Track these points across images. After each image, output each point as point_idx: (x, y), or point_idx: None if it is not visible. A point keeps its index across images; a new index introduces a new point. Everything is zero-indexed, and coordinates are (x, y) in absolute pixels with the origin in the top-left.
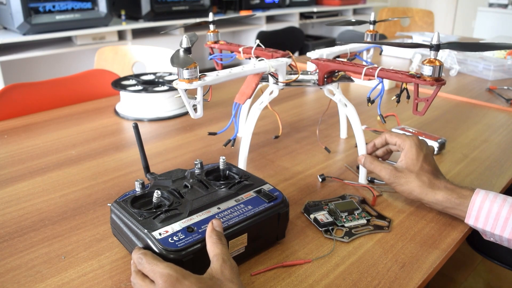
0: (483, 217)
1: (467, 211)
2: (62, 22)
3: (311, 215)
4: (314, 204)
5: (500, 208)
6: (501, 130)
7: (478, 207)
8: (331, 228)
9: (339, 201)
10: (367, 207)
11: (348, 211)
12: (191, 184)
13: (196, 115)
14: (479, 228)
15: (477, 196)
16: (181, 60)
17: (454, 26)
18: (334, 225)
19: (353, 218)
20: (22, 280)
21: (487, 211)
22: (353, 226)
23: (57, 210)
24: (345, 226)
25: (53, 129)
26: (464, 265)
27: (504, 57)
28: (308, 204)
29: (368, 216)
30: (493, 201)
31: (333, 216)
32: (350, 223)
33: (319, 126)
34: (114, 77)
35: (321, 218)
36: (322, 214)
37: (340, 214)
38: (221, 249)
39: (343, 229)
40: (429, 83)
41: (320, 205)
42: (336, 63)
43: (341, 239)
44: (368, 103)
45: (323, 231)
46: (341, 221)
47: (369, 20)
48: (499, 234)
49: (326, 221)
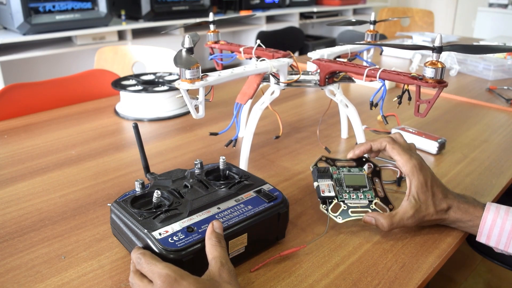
0: (495, 235)
1: (479, 230)
2: (62, 22)
3: (315, 182)
4: (324, 170)
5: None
6: (501, 130)
7: (490, 226)
8: (330, 201)
9: (350, 173)
10: (377, 184)
11: (354, 187)
12: (191, 184)
13: (198, 115)
14: (491, 246)
15: (488, 213)
16: (184, 60)
17: (454, 26)
18: (334, 199)
19: (356, 196)
20: (22, 280)
21: (500, 230)
22: (353, 204)
23: (57, 210)
24: (345, 202)
25: (53, 129)
26: (464, 265)
27: (504, 57)
28: (318, 169)
29: (373, 198)
30: (505, 218)
31: (337, 187)
32: (351, 200)
33: (319, 126)
34: (114, 77)
35: (323, 189)
36: (326, 185)
37: (345, 188)
38: (219, 252)
39: (342, 205)
40: (431, 85)
41: (329, 171)
42: (337, 64)
43: (335, 217)
44: (372, 107)
45: (321, 202)
46: (343, 196)
47: (369, 20)
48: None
49: (327, 194)
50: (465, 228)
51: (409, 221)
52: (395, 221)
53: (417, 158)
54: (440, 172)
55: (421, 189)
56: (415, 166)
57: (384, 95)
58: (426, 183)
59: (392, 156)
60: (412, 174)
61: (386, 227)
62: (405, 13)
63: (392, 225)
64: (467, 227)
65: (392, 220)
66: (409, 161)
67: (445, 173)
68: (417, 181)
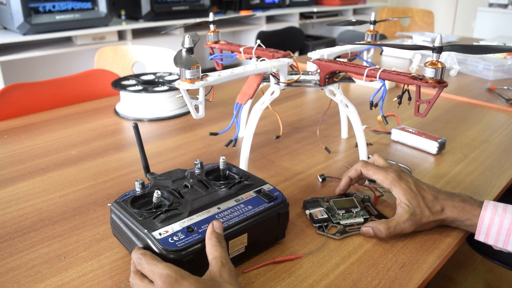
0: (493, 233)
1: (477, 228)
2: (62, 22)
3: (307, 210)
4: (313, 200)
5: (511, 223)
6: (501, 130)
7: (488, 224)
8: (325, 224)
9: (339, 199)
10: (369, 206)
11: (345, 209)
12: (191, 184)
13: (198, 115)
14: (490, 244)
15: (485, 212)
16: (185, 60)
17: (454, 26)
18: (328, 221)
19: (349, 216)
20: (22, 280)
21: (498, 227)
22: (348, 224)
23: (57, 210)
24: (341, 223)
25: (53, 129)
26: (464, 265)
27: (504, 57)
28: (307, 201)
29: (367, 215)
30: (503, 216)
31: (330, 213)
32: (346, 220)
33: (319, 126)
34: (114, 77)
35: (315, 214)
36: (318, 211)
37: (337, 211)
38: (220, 252)
39: (337, 226)
40: (431, 85)
41: (318, 202)
42: (338, 64)
43: (333, 236)
44: (372, 107)
45: (317, 227)
46: (337, 218)
47: (369, 20)
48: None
49: (320, 217)
50: (464, 227)
51: (406, 225)
52: (391, 225)
53: (393, 170)
54: (440, 172)
55: (409, 195)
56: (394, 178)
57: (384, 95)
58: (411, 189)
59: (370, 177)
60: (394, 185)
61: (383, 232)
62: (405, 13)
63: (389, 229)
64: (465, 226)
65: (388, 224)
66: (387, 176)
67: (445, 173)
68: (401, 189)
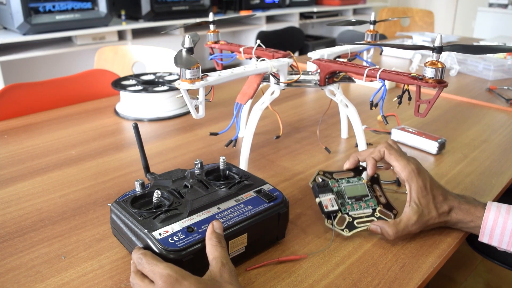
0: (497, 235)
1: (480, 230)
2: (62, 22)
3: (317, 198)
4: (324, 185)
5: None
6: (501, 130)
7: (492, 225)
8: (334, 215)
9: (350, 183)
10: (378, 191)
11: (356, 198)
12: (191, 184)
13: (198, 115)
14: (494, 245)
15: (489, 213)
16: (185, 60)
17: (454, 26)
18: (338, 212)
19: (359, 206)
20: (22, 280)
21: (502, 229)
22: (357, 215)
23: (57, 210)
24: (349, 214)
25: (53, 129)
26: (464, 265)
27: (504, 57)
28: (317, 184)
29: (376, 205)
30: (507, 217)
31: (340, 200)
32: (355, 211)
33: (319, 126)
34: (114, 77)
35: (326, 204)
36: (329, 199)
37: (347, 200)
38: (220, 252)
39: (346, 217)
40: (431, 85)
41: (329, 187)
42: (338, 64)
43: (341, 231)
44: (372, 107)
45: (326, 218)
46: (346, 208)
47: (369, 20)
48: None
49: (331, 208)
50: (467, 228)
51: (414, 227)
52: (400, 229)
53: (414, 162)
54: (440, 172)
55: (421, 193)
56: (413, 170)
57: (384, 95)
58: (425, 187)
59: (389, 162)
60: (411, 179)
61: (391, 235)
62: (405, 13)
63: (397, 233)
64: (469, 227)
65: (397, 228)
66: (407, 166)
67: (445, 173)
68: (417, 185)
